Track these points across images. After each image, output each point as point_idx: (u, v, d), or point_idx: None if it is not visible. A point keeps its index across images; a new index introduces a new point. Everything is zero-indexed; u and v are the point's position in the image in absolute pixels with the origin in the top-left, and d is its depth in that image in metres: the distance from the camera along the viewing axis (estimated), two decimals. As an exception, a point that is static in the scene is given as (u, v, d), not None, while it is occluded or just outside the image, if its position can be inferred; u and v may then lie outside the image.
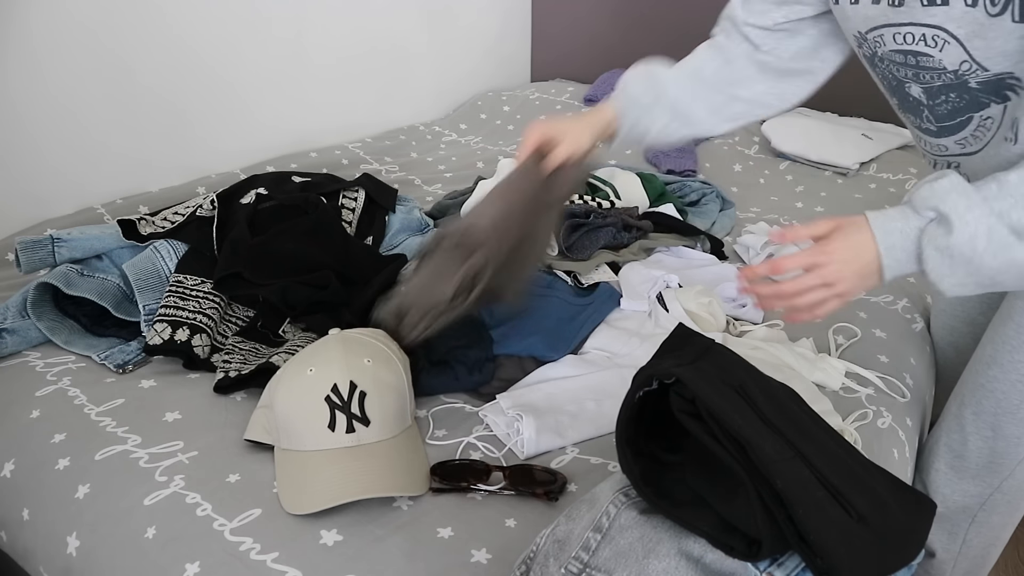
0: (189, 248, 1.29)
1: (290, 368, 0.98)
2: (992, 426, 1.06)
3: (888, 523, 0.62)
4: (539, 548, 0.69)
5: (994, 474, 1.09)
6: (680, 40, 2.45)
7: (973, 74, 0.82)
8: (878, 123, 2.12)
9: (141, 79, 1.62)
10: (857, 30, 0.91)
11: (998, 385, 1.03)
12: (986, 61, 0.80)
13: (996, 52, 0.78)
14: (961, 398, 1.10)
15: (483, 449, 0.99)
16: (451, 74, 2.48)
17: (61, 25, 1.46)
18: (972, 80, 0.83)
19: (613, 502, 0.68)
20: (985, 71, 0.81)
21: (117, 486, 0.92)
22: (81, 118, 1.54)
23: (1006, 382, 1.02)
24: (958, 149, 0.93)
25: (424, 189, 1.88)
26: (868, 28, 0.88)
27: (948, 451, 1.13)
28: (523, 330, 1.18)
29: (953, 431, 1.11)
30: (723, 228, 1.67)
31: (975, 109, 0.86)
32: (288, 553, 0.82)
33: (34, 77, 1.45)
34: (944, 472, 1.14)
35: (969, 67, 0.81)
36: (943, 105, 0.89)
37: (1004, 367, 1.01)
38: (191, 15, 1.67)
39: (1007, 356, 1.01)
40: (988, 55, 0.79)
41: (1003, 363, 1.01)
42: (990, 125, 0.87)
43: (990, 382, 1.04)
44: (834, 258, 0.78)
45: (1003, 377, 1.02)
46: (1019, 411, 1.02)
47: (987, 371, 1.04)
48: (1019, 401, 1.02)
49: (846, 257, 0.78)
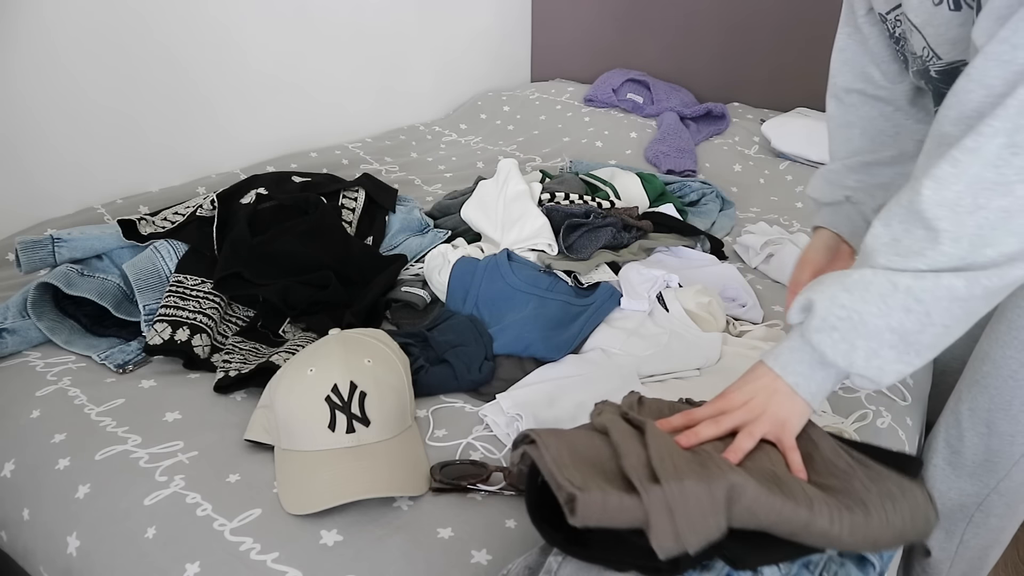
0: (189, 248, 1.29)
1: (290, 368, 0.98)
2: (986, 422, 1.06)
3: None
4: (510, 572, 0.71)
5: (990, 473, 1.10)
6: (680, 40, 2.47)
7: (931, 61, 0.84)
8: (878, 123, 2.12)
9: (141, 80, 1.62)
10: (880, 12, 0.93)
11: (991, 381, 1.04)
12: (939, 48, 0.82)
13: (944, 40, 0.81)
14: (959, 394, 1.11)
15: (483, 449, 0.99)
16: (451, 74, 2.48)
17: (61, 26, 1.46)
18: (932, 68, 0.85)
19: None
20: (939, 59, 0.83)
21: (117, 486, 0.92)
22: (81, 118, 1.54)
23: (998, 378, 1.03)
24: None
25: (424, 189, 1.88)
26: (888, 8, 0.91)
27: (946, 447, 1.14)
28: (523, 330, 1.18)
29: (951, 427, 1.12)
30: (723, 228, 1.67)
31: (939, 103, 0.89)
32: (288, 553, 0.82)
33: (34, 77, 1.45)
34: (942, 468, 1.15)
35: (928, 54, 0.84)
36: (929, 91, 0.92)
37: (996, 363, 1.02)
38: (191, 15, 1.67)
39: (999, 352, 1.02)
40: (939, 42, 0.82)
41: (995, 359, 1.02)
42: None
43: (984, 378, 1.05)
44: (734, 406, 0.77)
45: (995, 373, 1.03)
46: (1011, 407, 1.03)
47: (981, 367, 1.05)
48: (1011, 397, 1.02)
49: (745, 401, 0.76)
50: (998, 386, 1.03)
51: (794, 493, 0.67)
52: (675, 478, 0.64)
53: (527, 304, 1.24)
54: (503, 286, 1.27)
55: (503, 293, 1.26)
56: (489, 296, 1.26)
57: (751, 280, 1.46)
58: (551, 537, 0.69)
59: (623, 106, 2.34)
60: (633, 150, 2.14)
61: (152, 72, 1.64)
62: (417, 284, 1.35)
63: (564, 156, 2.10)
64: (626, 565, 0.67)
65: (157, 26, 1.62)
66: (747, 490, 0.65)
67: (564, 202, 1.51)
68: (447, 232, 1.53)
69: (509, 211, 1.43)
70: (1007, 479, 1.09)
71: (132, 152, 1.65)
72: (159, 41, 1.63)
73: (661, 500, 0.62)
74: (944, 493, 1.15)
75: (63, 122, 1.52)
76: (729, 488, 0.64)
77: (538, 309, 1.22)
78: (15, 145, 1.46)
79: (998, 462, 1.08)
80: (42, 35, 1.44)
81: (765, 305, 1.37)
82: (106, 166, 1.61)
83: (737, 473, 0.66)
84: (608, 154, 2.13)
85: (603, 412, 0.77)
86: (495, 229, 1.44)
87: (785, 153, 2.07)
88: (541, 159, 2.11)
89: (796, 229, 1.70)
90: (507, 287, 1.27)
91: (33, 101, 1.46)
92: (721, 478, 0.65)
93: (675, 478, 0.64)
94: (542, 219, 1.40)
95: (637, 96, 2.34)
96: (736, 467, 0.68)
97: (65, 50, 1.48)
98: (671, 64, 2.48)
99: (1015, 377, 1.01)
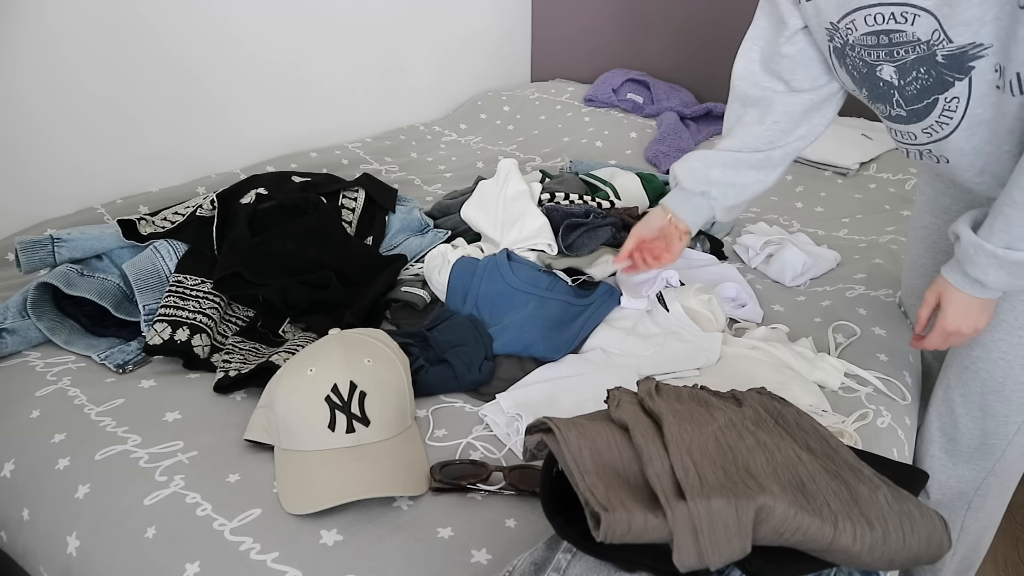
0: (189, 248, 1.29)
1: (290, 368, 0.98)
2: (980, 406, 1.08)
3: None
4: (515, 568, 0.70)
5: (986, 456, 1.11)
6: (680, 40, 2.47)
7: (939, 45, 0.85)
8: (878, 123, 2.12)
9: (141, 80, 1.62)
10: (829, 21, 0.94)
11: (982, 365, 1.05)
12: (951, 31, 0.83)
13: (959, 21, 0.82)
14: (947, 382, 1.12)
15: (483, 449, 0.99)
16: (451, 74, 2.48)
17: (61, 26, 1.46)
18: (939, 53, 0.86)
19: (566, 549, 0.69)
20: (950, 43, 0.84)
21: (117, 486, 0.92)
22: (81, 118, 1.54)
23: (989, 360, 1.04)
24: (925, 138, 0.96)
25: (424, 189, 1.88)
26: (840, 16, 0.92)
27: (941, 435, 1.14)
28: (523, 330, 1.18)
29: (944, 415, 1.13)
30: (723, 228, 1.67)
31: (940, 90, 0.89)
32: (288, 553, 0.82)
33: (34, 77, 1.45)
34: (939, 458, 1.16)
35: (938, 36, 0.84)
36: (913, 84, 0.91)
37: (986, 347, 1.04)
38: (192, 15, 1.67)
39: (987, 335, 1.03)
40: (952, 24, 0.82)
41: (984, 343, 1.04)
42: (956, 107, 0.89)
43: (974, 363, 1.06)
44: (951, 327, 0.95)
45: (986, 356, 1.04)
46: (1003, 388, 1.05)
47: (970, 352, 1.07)
48: (1003, 378, 1.04)
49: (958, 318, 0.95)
50: (989, 369, 1.05)
51: (819, 507, 0.66)
52: (702, 495, 0.63)
53: (527, 304, 1.24)
54: (503, 286, 1.27)
55: (503, 293, 1.26)
56: (489, 296, 1.26)
57: (751, 280, 1.46)
58: (564, 531, 0.68)
59: (623, 106, 2.34)
60: (633, 150, 2.14)
61: (152, 73, 1.64)
62: (417, 284, 1.35)
63: (564, 156, 2.10)
64: (638, 565, 0.66)
65: (157, 27, 1.62)
66: (775, 511, 0.64)
67: (564, 202, 1.51)
68: (447, 232, 1.53)
69: (509, 211, 1.43)
70: (1002, 460, 1.11)
71: (132, 152, 1.65)
72: (159, 42, 1.63)
73: (686, 519, 0.62)
74: (943, 483, 1.16)
75: (63, 123, 1.52)
76: (758, 509, 0.64)
77: (538, 309, 1.22)
78: (15, 145, 1.46)
79: (994, 443, 1.10)
80: (42, 35, 1.44)
81: (765, 305, 1.37)
82: (106, 166, 1.61)
83: (765, 491, 0.65)
84: (608, 154, 2.13)
85: (621, 403, 0.75)
86: (495, 229, 1.44)
87: (785, 153, 2.07)
88: (541, 159, 2.11)
89: (796, 229, 1.70)
90: (507, 287, 1.27)
91: (33, 101, 1.46)
92: (749, 497, 0.64)
93: (702, 495, 0.63)
94: (542, 219, 1.40)
95: (637, 96, 2.34)
96: (765, 483, 0.67)
97: (65, 50, 1.48)
98: (671, 64, 2.47)
99: (1006, 358, 1.03)
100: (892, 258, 1.54)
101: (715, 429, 0.73)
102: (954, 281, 0.93)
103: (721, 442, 0.72)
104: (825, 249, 1.55)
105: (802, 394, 1.08)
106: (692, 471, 0.66)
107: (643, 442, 0.69)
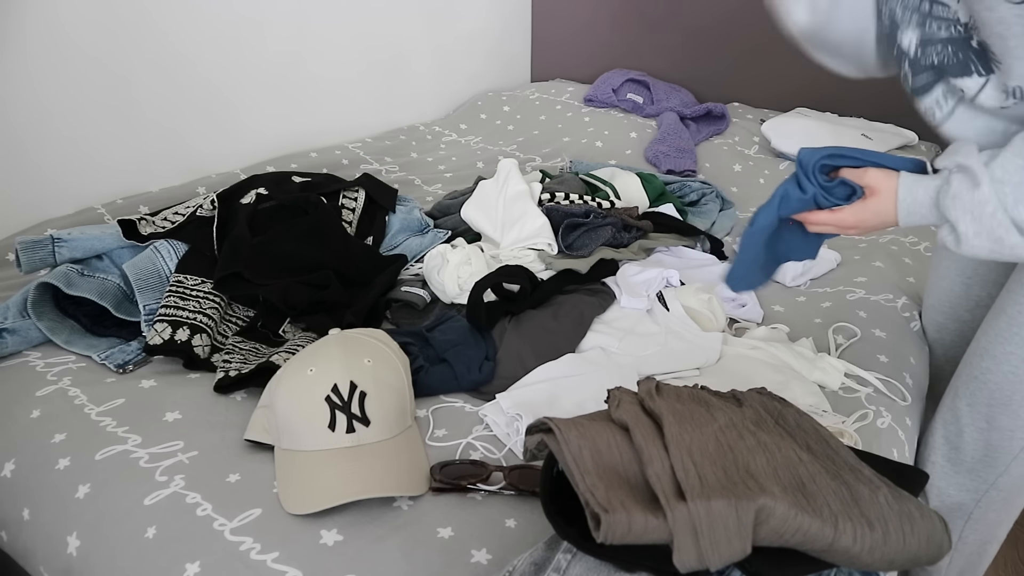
0: (189, 248, 1.29)
1: (290, 368, 0.98)
2: (986, 417, 1.07)
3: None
4: (515, 568, 0.70)
5: (989, 468, 1.10)
6: (680, 40, 2.47)
7: (976, 31, 0.81)
8: (877, 123, 2.12)
9: (142, 79, 1.62)
10: None
11: (991, 376, 1.04)
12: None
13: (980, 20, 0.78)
14: (956, 390, 1.11)
15: (483, 449, 0.99)
16: (451, 74, 2.48)
17: (62, 25, 1.46)
18: (976, 39, 0.82)
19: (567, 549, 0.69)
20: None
21: (117, 486, 0.92)
22: (81, 118, 1.54)
23: (999, 373, 1.03)
24: (930, 117, 0.93)
25: (424, 189, 1.88)
26: None
27: (945, 443, 1.14)
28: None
29: (949, 423, 1.12)
30: (723, 228, 1.67)
31: (957, 73, 0.85)
32: (288, 553, 0.82)
33: (34, 77, 1.45)
34: (941, 465, 1.15)
35: (974, 23, 0.81)
36: (928, 58, 0.87)
37: (996, 359, 1.02)
38: (192, 15, 1.67)
39: (999, 348, 1.02)
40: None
41: (995, 355, 1.02)
42: (949, 99, 0.87)
43: (983, 373, 1.05)
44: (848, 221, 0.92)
45: (995, 368, 1.03)
46: (1011, 402, 1.03)
47: (980, 363, 1.05)
48: (1011, 392, 1.03)
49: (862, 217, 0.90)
50: (998, 381, 1.03)
51: (819, 508, 0.66)
52: (702, 496, 0.63)
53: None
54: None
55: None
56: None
57: (751, 280, 1.46)
58: (564, 531, 0.68)
59: (623, 106, 2.34)
60: (633, 150, 2.14)
61: (152, 73, 1.63)
62: (417, 284, 1.35)
63: (564, 156, 2.10)
64: (638, 566, 0.66)
65: (157, 27, 1.62)
66: (776, 511, 0.64)
67: (564, 202, 1.51)
68: (447, 232, 1.53)
69: (509, 211, 1.43)
70: (1006, 474, 1.10)
71: (132, 152, 1.65)
72: (159, 42, 1.63)
73: (687, 520, 0.62)
74: (943, 490, 1.16)
75: (63, 122, 1.52)
76: (758, 510, 0.64)
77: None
78: (15, 145, 1.46)
79: (997, 457, 1.08)
80: (42, 35, 1.44)
81: (765, 305, 1.37)
82: (106, 166, 1.61)
83: (766, 492, 0.65)
84: (608, 154, 2.12)
85: (621, 403, 0.75)
86: (495, 229, 1.44)
87: (785, 153, 2.07)
88: (541, 159, 2.11)
89: (796, 229, 1.70)
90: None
91: (33, 101, 1.46)
92: (750, 498, 0.64)
93: (702, 496, 0.63)
94: (542, 219, 1.40)
95: (637, 96, 2.34)
96: (765, 483, 0.67)
97: (65, 50, 1.48)
98: (671, 64, 2.47)
99: (1016, 372, 1.01)
100: (892, 260, 1.54)
101: (715, 429, 0.73)
102: (906, 195, 0.86)
103: (721, 442, 0.72)
104: (825, 249, 1.55)
105: (802, 394, 1.08)
106: (692, 472, 0.66)
107: (643, 442, 0.69)
